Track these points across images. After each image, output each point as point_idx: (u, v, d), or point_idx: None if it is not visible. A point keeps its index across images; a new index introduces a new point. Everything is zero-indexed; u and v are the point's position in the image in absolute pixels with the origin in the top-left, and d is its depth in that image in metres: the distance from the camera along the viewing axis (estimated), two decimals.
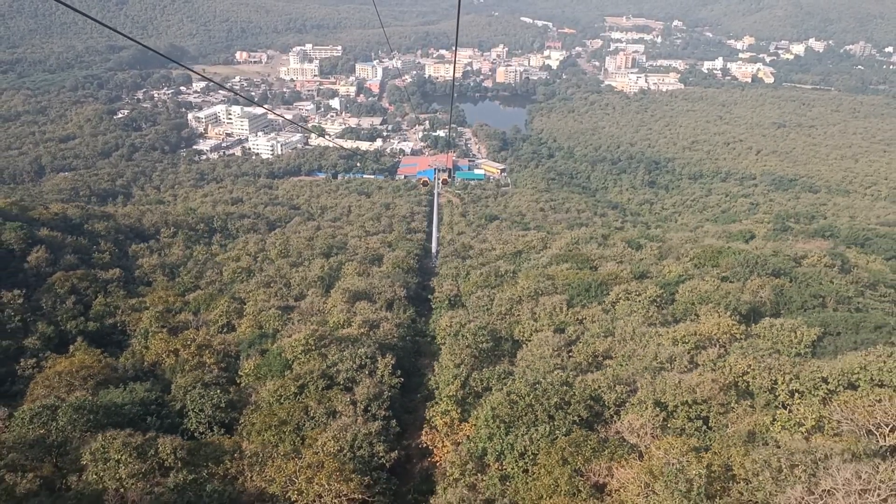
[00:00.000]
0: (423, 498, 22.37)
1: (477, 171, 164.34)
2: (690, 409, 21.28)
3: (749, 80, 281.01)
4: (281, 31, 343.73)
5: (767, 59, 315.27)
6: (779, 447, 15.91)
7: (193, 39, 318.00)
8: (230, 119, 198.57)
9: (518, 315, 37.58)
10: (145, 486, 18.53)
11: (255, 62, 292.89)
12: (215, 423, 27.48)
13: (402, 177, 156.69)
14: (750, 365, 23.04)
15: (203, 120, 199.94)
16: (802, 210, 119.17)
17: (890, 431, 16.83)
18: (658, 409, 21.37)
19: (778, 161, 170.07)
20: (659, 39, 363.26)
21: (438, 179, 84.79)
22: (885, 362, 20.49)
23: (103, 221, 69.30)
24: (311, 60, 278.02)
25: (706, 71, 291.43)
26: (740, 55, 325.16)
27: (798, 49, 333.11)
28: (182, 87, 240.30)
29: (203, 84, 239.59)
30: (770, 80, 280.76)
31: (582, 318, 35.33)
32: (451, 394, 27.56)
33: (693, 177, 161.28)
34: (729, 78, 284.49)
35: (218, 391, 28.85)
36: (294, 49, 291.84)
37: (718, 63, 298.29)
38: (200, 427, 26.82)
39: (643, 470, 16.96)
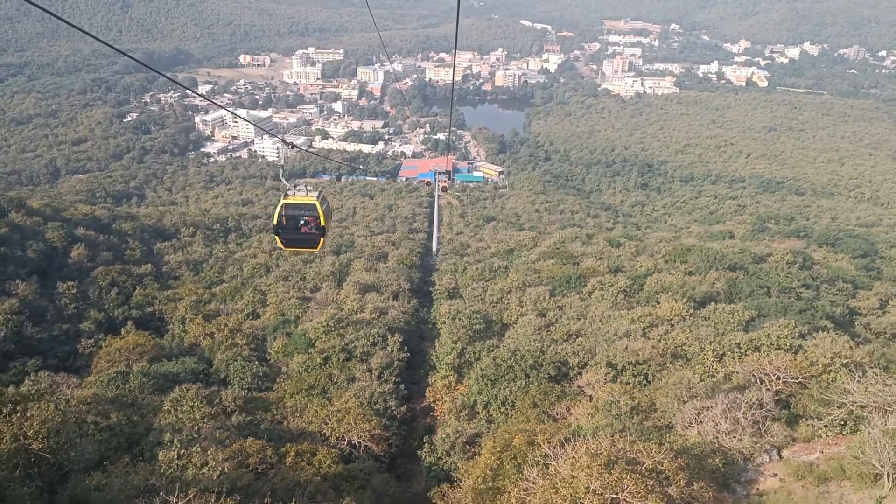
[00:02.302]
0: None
1: (476, 174, 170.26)
2: (635, 368, 27.18)
3: (743, 83, 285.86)
4: (283, 35, 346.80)
5: (762, 63, 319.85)
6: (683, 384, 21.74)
7: (198, 43, 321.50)
8: (236, 122, 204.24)
9: (507, 303, 43.65)
10: (214, 424, 24.28)
11: (258, 65, 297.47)
12: (255, 389, 33.26)
13: (404, 179, 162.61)
14: (687, 337, 29.00)
15: (210, 123, 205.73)
16: (785, 212, 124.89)
17: (776, 379, 22.62)
18: (610, 368, 27.25)
19: (767, 164, 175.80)
20: (656, 43, 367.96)
21: (438, 184, 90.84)
22: (781, 331, 26.63)
23: (129, 222, 75.07)
24: (313, 64, 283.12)
25: (701, 75, 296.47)
26: (736, 59, 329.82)
27: (793, 53, 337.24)
28: (188, 90, 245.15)
29: (208, 87, 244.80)
30: (764, 83, 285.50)
31: (561, 305, 41.26)
32: (449, 362, 33.59)
33: (684, 179, 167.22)
34: (724, 82, 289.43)
35: (256, 363, 34.80)
36: (297, 52, 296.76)
37: (714, 67, 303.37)
38: (243, 392, 32.54)
39: (590, 406, 22.75)
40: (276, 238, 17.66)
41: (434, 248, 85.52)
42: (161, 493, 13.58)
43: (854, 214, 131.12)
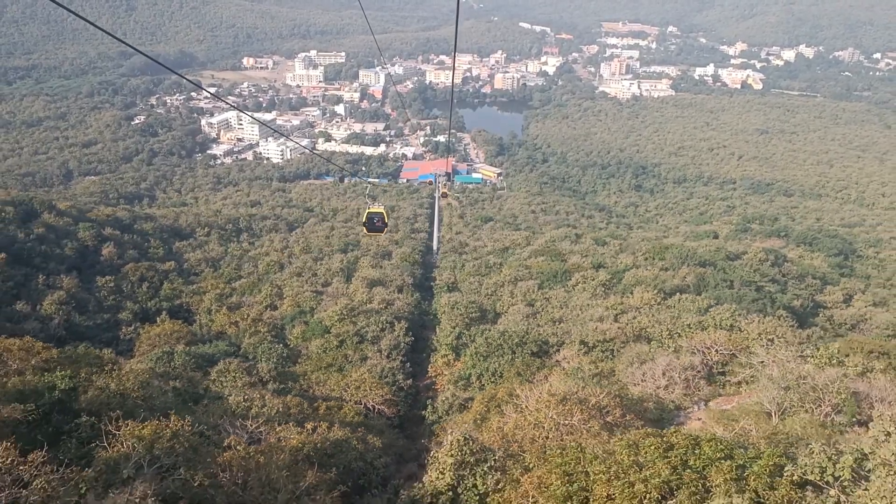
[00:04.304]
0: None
1: (475, 176, 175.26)
2: (603, 345, 32.36)
3: (738, 86, 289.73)
4: (286, 37, 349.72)
5: (758, 66, 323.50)
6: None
7: (201, 45, 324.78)
8: (241, 125, 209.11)
9: (500, 295, 48.97)
10: (254, 391, 29.39)
11: (261, 68, 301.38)
12: (280, 367, 38.37)
13: (405, 180, 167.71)
14: (650, 320, 34.17)
15: (215, 125, 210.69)
16: (772, 212, 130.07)
17: (715, 353, 27.80)
18: (582, 345, 32.42)
19: (758, 166, 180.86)
20: (654, 45, 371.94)
21: (439, 189, 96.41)
22: (723, 314, 31.89)
23: (150, 222, 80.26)
24: (315, 67, 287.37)
25: (697, 77, 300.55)
26: (732, 61, 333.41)
27: (789, 55, 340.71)
28: (193, 93, 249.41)
29: (212, 90, 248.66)
30: (759, 86, 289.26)
31: (548, 296, 46.48)
32: (448, 343, 38.92)
33: (677, 181, 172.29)
34: (719, 84, 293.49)
35: (280, 345, 39.99)
36: (299, 55, 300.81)
37: (710, 69, 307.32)
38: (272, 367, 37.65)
39: (562, 372, 27.86)
40: (364, 228, 31.23)
41: (434, 247, 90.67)
42: (239, 420, 18.67)
43: (839, 215, 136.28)
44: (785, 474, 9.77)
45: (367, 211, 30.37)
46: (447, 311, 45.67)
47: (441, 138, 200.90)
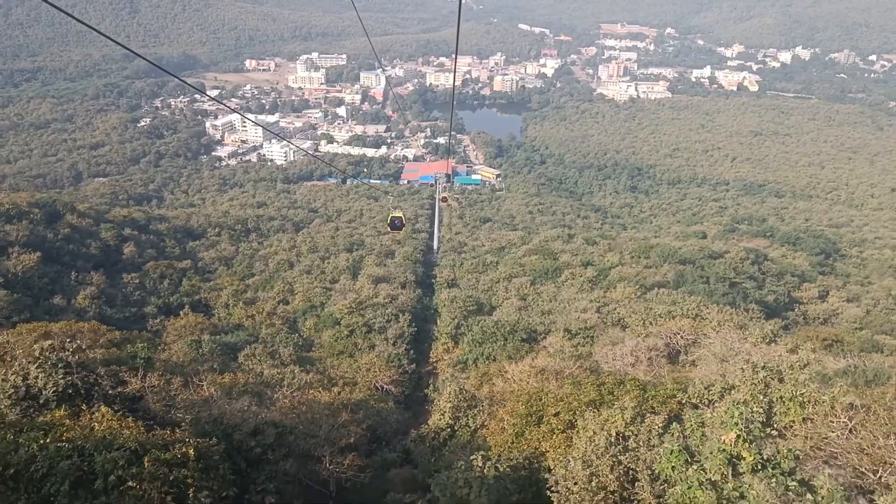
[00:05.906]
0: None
1: (474, 177, 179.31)
2: (584, 332, 36.58)
3: (735, 88, 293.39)
4: (287, 39, 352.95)
5: (755, 67, 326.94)
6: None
7: (204, 47, 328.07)
8: (245, 127, 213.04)
9: (496, 290, 53.27)
10: (277, 369, 33.57)
11: (263, 70, 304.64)
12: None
13: (406, 182, 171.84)
14: (627, 310, 38.43)
15: (220, 127, 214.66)
16: (762, 213, 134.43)
17: (680, 338, 31.96)
18: (566, 332, 36.63)
19: (751, 168, 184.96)
20: (652, 47, 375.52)
21: (439, 192, 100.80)
22: (689, 305, 36.11)
23: (164, 223, 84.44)
24: (317, 69, 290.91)
25: (694, 79, 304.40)
26: (729, 63, 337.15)
27: (785, 57, 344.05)
28: (196, 96, 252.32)
29: (215, 92, 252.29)
30: (755, 88, 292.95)
31: (539, 292, 50.74)
32: (447, 332, 43.17)
33: (672, 182, 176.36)
34: (716, 86, 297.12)
35: (295, 335, 44.17)
36: (301, 57, 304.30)
37: (706, 71, 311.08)
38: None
39: (546, 354, 32.06)
40: (388, 227, 38.17)
41: (435, 247, 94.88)
42: (276, 387, 22.86)
43: (827, 216, 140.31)
44: (676, 399, 14.02)
45: (391, 215, 37.13)
46: (447, 304, 49.89)
47: (441, 140, 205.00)
